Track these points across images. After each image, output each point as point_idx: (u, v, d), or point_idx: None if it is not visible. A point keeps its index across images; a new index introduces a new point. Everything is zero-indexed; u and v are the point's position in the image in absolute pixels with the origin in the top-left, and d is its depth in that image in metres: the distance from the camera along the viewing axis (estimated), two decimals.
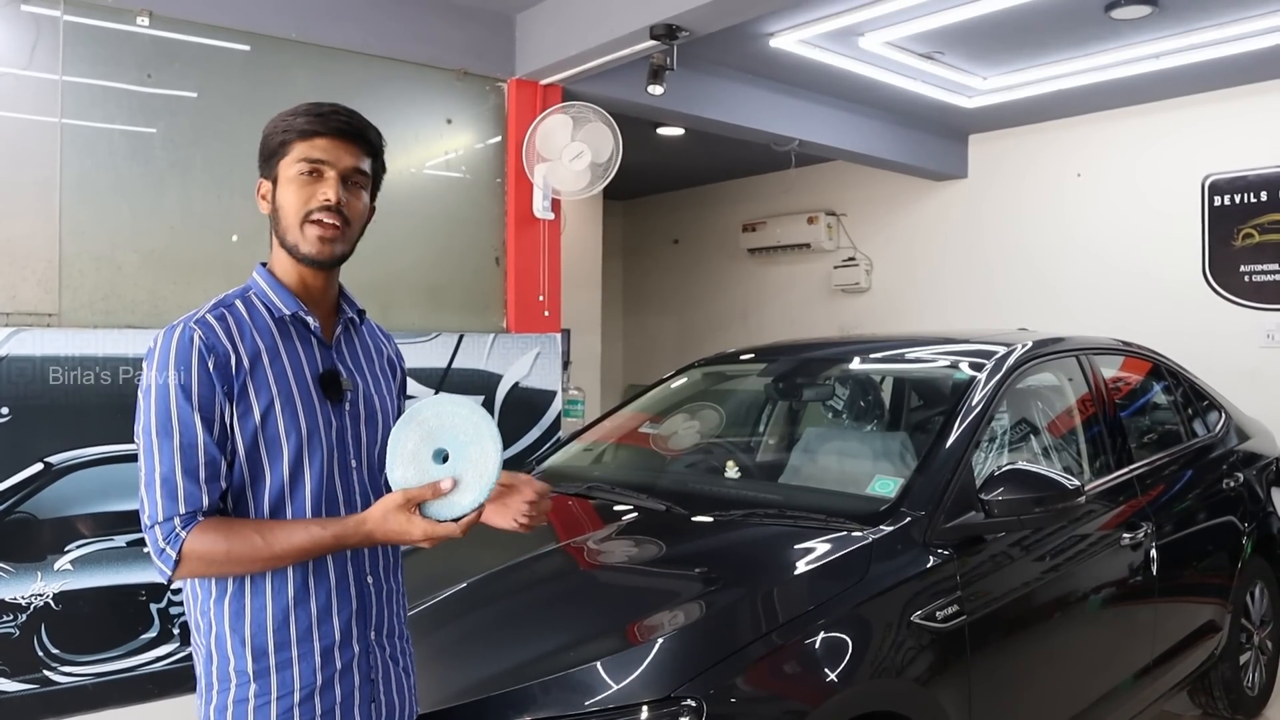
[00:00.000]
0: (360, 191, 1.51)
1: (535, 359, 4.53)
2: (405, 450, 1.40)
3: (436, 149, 4.41)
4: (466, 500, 1.38)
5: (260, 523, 1.39)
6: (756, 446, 3.73)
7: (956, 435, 2.62)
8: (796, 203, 7.71)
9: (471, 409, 1.42)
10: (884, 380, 3.64)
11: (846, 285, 7.37)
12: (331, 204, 1.45)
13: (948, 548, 2.38)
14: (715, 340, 8.17)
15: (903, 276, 7.15)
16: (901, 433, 3.28)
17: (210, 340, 1.41)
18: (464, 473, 1.38)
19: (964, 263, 6.77)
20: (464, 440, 1.39)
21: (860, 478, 2.79)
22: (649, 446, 3.35)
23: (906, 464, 2.83)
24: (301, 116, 1.45)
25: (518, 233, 4.57)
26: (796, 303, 7.86)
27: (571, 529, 2.70)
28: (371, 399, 1.55)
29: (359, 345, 1.59)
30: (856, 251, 7.41)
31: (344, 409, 1.50)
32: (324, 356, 1.50)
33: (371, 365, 1.59)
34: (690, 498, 2.79)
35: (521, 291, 4.58)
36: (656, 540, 2.50)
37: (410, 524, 1.38)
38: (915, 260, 7.08)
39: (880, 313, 7.21)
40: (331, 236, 1.47)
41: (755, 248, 7.96)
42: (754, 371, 3.69)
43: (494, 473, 1.39)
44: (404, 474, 1.39)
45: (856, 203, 7.43)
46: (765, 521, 2.50)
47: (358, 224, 1.52)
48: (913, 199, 7.07)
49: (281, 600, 1.42)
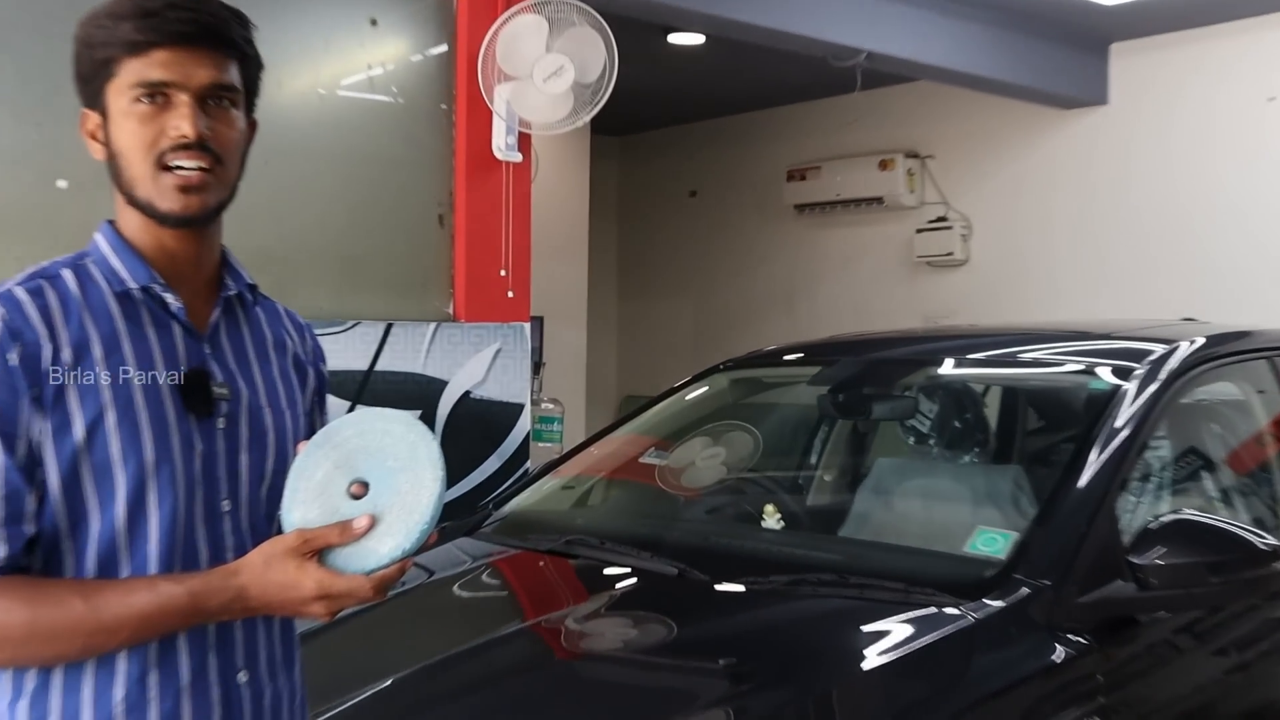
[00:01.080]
0: (230, 112, 1.50)
1: (494, 359, 4.52)
2: (312, 482, 1.41)
3: (355, 62, 4.39)
4: (386, 547, 1.38)
5: (82, 581, 1.38)
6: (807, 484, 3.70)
7: (1095, 470, 2.60)
8: (864, 140, 7.70)
9: (409, 425, 1.44)
10: (988, 391, 3.62)
11: (934, 257, 7.36)
12: (190, 140, 1.44)
13: (1084, 633, 2.36)
14: (748, 334, 8.16)
15: (1014, 244, 7.14)
16: (1014, 466, 3.26)
17: (15, 323, 1.39)
18: (387, 509, 1.39)
19: (1101, 224, 6.76)
20: (393, 466, 1.41)
21: (955, 530, 2.76)
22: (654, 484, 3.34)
23: (1022, 511, 2.80)
24: (127, 21, 1.43)
25: (470, 181, 4.56)
26: (863, 281, 7.85)
27: (544, 602, 2.68)
28: (260, 413, 1.54)
29: (247, 336, 1.58)
30: (949, 209, 7.39)
31: (214, 427, 1.49)
32: (190, 351, 1.49)
33: (266, 365, 1.58)
34: (713, 558, 2.78)
35: (476, 264, 4.57)
36: (664, 619, 2.49)
37: (303, 577, 1.37)
38: (1032, 222, 7.06)
39: (982, 295, 7.20)
40: (199, 183, 1.46)
41: (805, 203, 7.95)
42: (803, 378, 3.69)
43: (429, 511, 1.39)
44: (305, 514, 1.40)
45: (948, 141, 7.41)
46: (819, 592, 2.48)
47: (233, 157, 1.50)
48: (1029, 136, 7.05)
49: (105, 707, 1.40)
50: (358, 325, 4.28)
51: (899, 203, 7.49)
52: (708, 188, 8.80)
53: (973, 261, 7.32)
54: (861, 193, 7.62)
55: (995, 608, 2.32)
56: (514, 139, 4.53)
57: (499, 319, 4.58)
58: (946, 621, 2.28)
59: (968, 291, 7.29)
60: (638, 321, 9.27)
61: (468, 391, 4.47)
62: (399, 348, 4.34)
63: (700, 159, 8.83)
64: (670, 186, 9.03)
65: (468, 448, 4.45)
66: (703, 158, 8.81)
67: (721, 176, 8.69)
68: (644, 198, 9.22)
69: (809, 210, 8.00)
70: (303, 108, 4.28)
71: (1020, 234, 7.12)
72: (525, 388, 4.59)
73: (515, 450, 4.55)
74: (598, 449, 3.51)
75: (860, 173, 7.62)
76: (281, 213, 4.19)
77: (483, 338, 4.52)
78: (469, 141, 4.55)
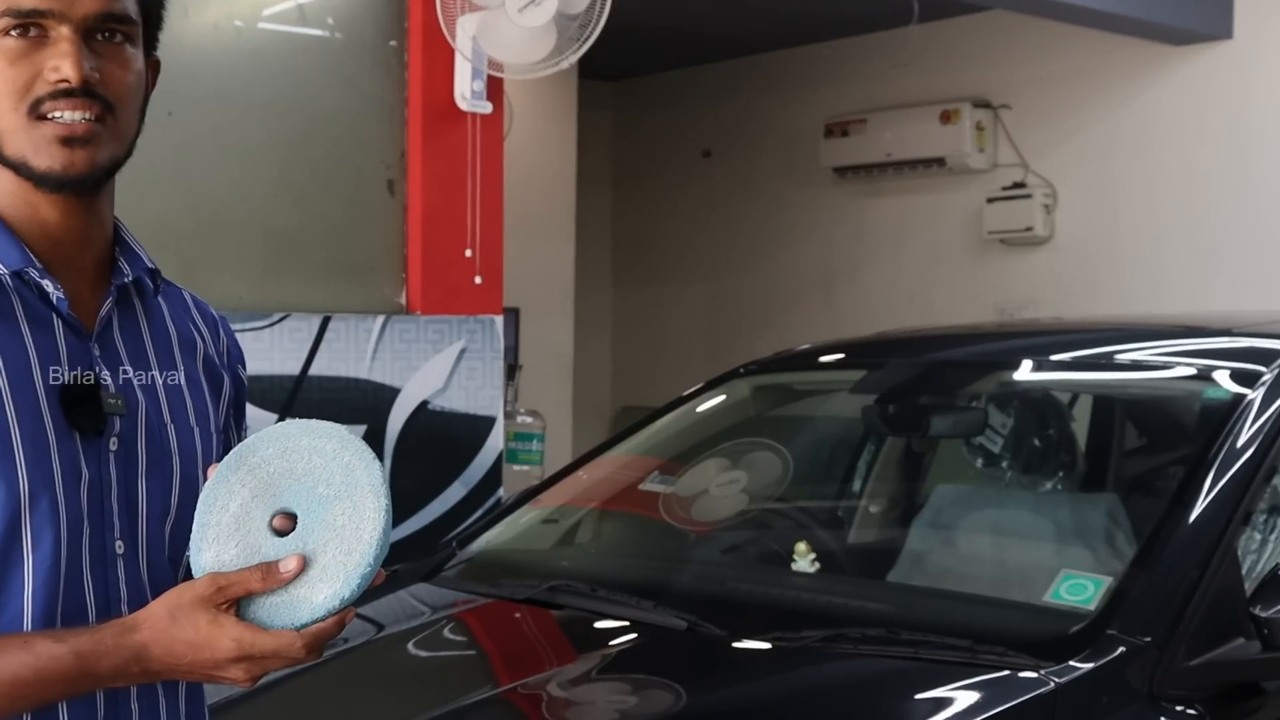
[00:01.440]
0: (124, 49, 1.50)
1: (458, 361, 4.53)
2: (226, 514, 1.42)
3: None
4: (321, 595, 1.39)
5: None
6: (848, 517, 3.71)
7: (1210, 501, 2.60)
8: (921, 86, 7.71)
9: (342, 442, 1.44)
10: (1076, 401, 3.63)
11: (1010, 232, 7.36)
12: (73, 84, 1.44)
13: (1195, 703, 2.37)
14: (775, 330, 8.17)
15: (1109, 216, 7.14)
16: (1109, 495, 3.27)
17: None
18: (320, 547, 1.40)
19: (1220, 192, 6.76)
20: (325, 494, 1.41)
21: (1034, 575, 2.78)
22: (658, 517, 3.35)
23: (1118, 551, 2.82)
24: None
25: (427, 138, 4.57)
26: (919, 263, 7.86)
27: (520, 663, 2.69)
28: (163, 431, 1.55)
29: (147, 333, 1.59)
30: (1028, 172, 7.40)
31: (105, 448, 1.49)
32: (74, 352, 1.50)
33: (170, 369, 1.59)
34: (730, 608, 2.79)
35: (434, 242, 4.59)
36: (669, 684, 2.50)
37: (218, 632, 1.37)
38: (1133, 188, 7.07)
39: (1070, 281, 7.20)
40: (85, 135, 1.46)
41: (847, 165, 7.95)
42: (843, 385, 3.71)
43: (372, 549, 1.40)
44: (219, 554, 1.40)
45: (1029, 86, 7.42)
46: (863, 651, 2.49)
47: (128, 106, 1.51)
48: (1130, 80, 7.06)
49: None
50: (286, 319, 4.29)
51: (965, 165, 7.48)
52: (725, 146, 8.80)
53: (1057, 238, 7.32)
54: (918, 152, 7.62)
55: (1083, 671, 2.33)
56: (482, 85, 4.54)
57: (464, 311, 4.59)
58: (1022, 688, 2.29)
59: (1051, 276, 7.29)
60: (637, 314, 9.28)
61: (425, 402, 4.48)
62: (338, 347, 4.35)
63: (716, 110, 8.83)
64: (678, 145, 9.03)
65: (425, 472, 4.46)
66: (719, 109, 8.81)
67: (742, 132, 8.70)
68: (646, 159, 9.23)
69: (852, 174, 7.99)
70: (214, 44, 4.29)
71: (1118, 204, 7.11)
72: (497, 397, 4.60)
73: (485, 475, 4.56)
74: (587, 473, 3.51)
75: (916, 127, 7.62)
76: (189, 177, 4.20)
77: (443, 334, 4.52)
78: (425, 88, 4.56)
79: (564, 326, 7.41)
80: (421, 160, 4.56)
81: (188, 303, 1.68)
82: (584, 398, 8.15)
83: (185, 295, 1.68)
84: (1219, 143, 6.77)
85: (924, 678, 2.36)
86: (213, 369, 1.66)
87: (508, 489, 4.61)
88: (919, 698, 2.33)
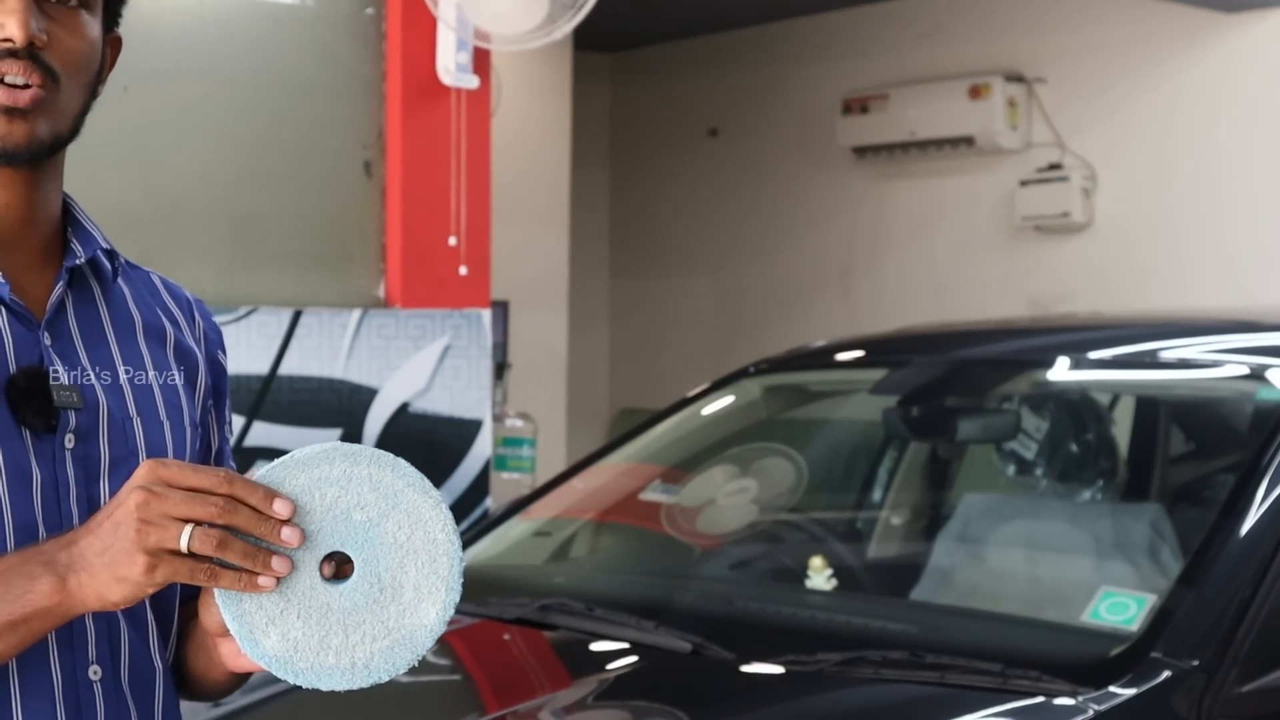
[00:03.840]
0: (78, 15, 1.51)
1: (441, 359, 4.54)
2: (267, 593, 1.37)
3: None
4: (433, 614, 1.39)
5: None
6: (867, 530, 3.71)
7: (1263, 511, 2.60)
8: (948, 58, 7.72)
9: (349, 459, 1.40)
10: (1117, 403, 3.63)
11: (1045, 218, 7.37)
12: (16, 45, 1.45)
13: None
14: (788, 325, 8.18)
15: (1154, 201, 7.15)
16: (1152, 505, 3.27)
17: None
18: (399, 570, 1.39)
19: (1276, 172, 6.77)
20: (365, 519, 1.39)
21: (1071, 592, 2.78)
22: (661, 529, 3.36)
23: (1163, 567, 2.82)
24: None
25: (408, 115, 4.58)
26: (946, 252, 7.86)
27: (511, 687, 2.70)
28: (126, 426, 1.54)
29: (106, 319, 1.59)
30: (1065, 153, 7.41)
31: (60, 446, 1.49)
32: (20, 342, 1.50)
33: (134, 358, 1.59)
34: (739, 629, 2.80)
35: (415, 229, 4.60)
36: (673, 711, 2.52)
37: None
38: (1179, 170, 7.07)
39: (1110, 271, 7.21)
40: (27, 104, 1.46)
41: (867, 145, 7.96)
42: (863, 386, 3.71)
43: (454, 542, 1.40)
44: (286, 633, 1.36)
45: (1065, 59, 7.42)
46: (884, 675, 2.49)
47: (77, 77, 1.51)
48: (1177, 51, 7.06)
49: None
50: (254, 313, 4.30)
51: (996, 144, 7.49)
52: (733, 124, 8.81)
53: (1097, 224, 7.33)
54: (945, 130, 7.63)
55: (1124, 697, 2.34)
56: (467, 57, 4.55)
57: (448, 304, 4.60)
58: (1058, 716, 2.30)
59: (1090, 266, 7.30)
60: (637, 308, 9.29)
61: (406, 404, 4.48)
62: (311, 343, 4.36)
63: (724, 85, 8.84)
64: (683, 122, 9.04)
65: None
66: (727, 83, 8.82)
67: (752, 108, 8.70)
68: (646, 138, 9.23)
69: (872, 154, 8.00)
70: (175, 12, 4.29)
71: (1164, 187, 7.12)
72: (485, 398, 4.61)
73: (471, 483, 4.57)
74: (583, 482, 3.51)
75: (943, 103, 7.63)
76: (146, 158, 4.21)
77: (426, 330, 4.53)
78: (405, 60, 4.56)
79: (557, 321, 7.41)
80: (401, 139, 4.57)
81: (156, 286, 1.67)
82: (579, 399, 8.16)
83: (154, 278, 1.68)
84: (1273, 119, 6.78)
85: (951, 704, 2.37)
86: (186, 356, 1.65)
87: (496, 499, 4.62)
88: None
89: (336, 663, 1.37)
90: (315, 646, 1.36)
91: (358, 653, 1.37)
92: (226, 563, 1.33)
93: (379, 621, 1.38)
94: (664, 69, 9.13)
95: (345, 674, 1.37)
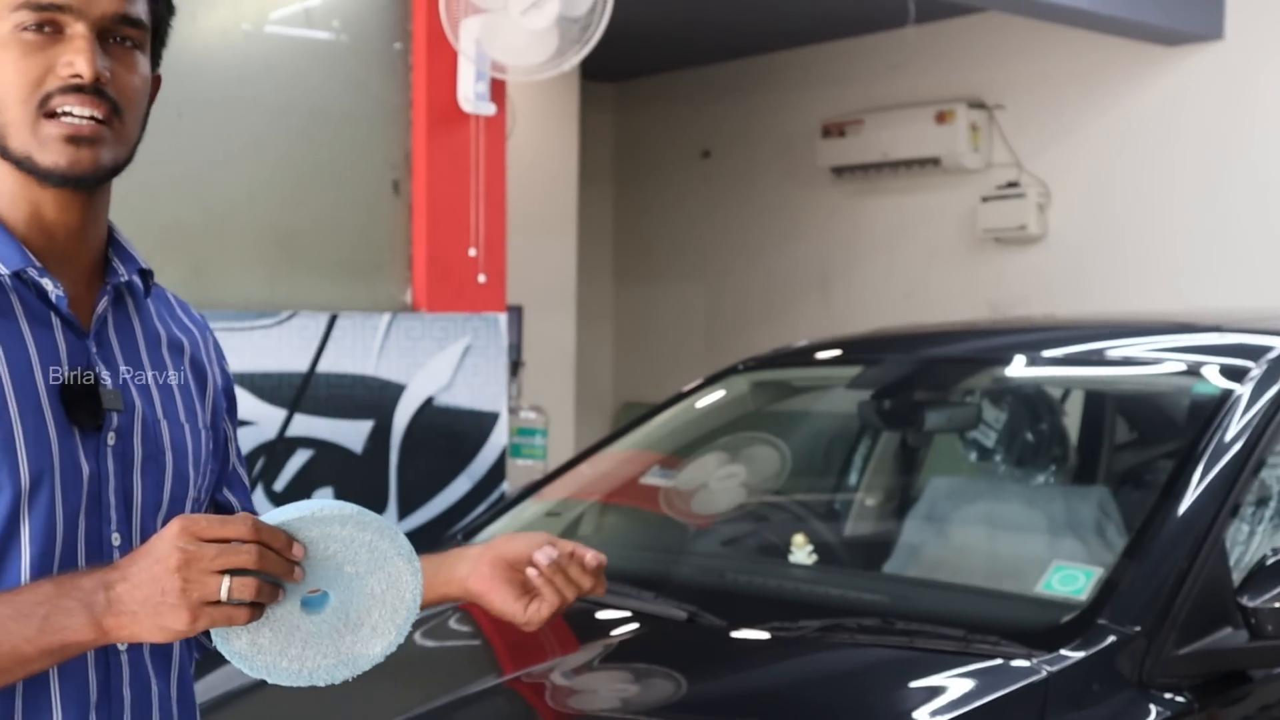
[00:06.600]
0: (134, 54, 1.51)
1: (462, 358, 4.54)
2: None
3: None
4: (378, 649, 1.47)
5: None
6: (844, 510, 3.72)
7: (1199, 493, 2.61)
8: (918, 86, 7.71)
9: (358, 524, 1.43)
10: (1068, 397, 3.63)
11: (1004, 231, 7.37)
12: (85, 81, 1.45)
13: (1184, 691, 2.39)
14: (773, 326, 8.18)
15: (1102, 215, 7.15)
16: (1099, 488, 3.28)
17: None
18: (365, 612, 1.46)
19: (1215, 190, 6.77)
20: (354, 572, 1.44)
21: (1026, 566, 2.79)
22: (659, 510, 3.36)
23: (1109, 542, 2.83)
24: None
25: (432, 139, 4.58)
26: (915, 261, 7.86)
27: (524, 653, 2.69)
28: (156, 428, 1.55)
29: (140, 333, 1.59)
30: (1022, 172, 7.40)
31: (104, 443, 1.50)
32: (73, 350, 1.50)
33: (161, 368, 1.59)
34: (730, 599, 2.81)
35: (439, 241, 4.59)
36: (670, 673, 2.51)
37: (160, 536, 1.34)
38: (1125, 188, 7.07)
39: (1062, 278, 7.21)
40: (91, 135, 1.46)
41: (844, 165, 7.96)
42: (840, 381, 3.72)
43: (416, 600, 1.48)
44: (254, 639, 1.41)
45: (1022, 87, 7.42)
46: (859, 641, 2.51)
47: (134, 110, 1.51)
48: (1124, 80, 7.06)
49: None
50: (294, 317, 4.30)
51: (960, 164, 7.48)
52: (724, 146, 8.80)
53: (1051, 236, 7.32)
54: (914, 152, 7.62)
55: (1074, 659, 2.34)
56: (485, 86, 4.55)
57: (468, 309, 4.60)
58: (1015, 676, 2.30)
59: (1044, 274, 7.29)
60: (639, 312, 9.28)
61: (430, 398, 4.48)
62: (345, 344, 4.36)
63: (715, 111, 8.83)
64: (679, 145, 9.03)
65: (431, 466, 4.46)
66: (719, 109, 8.81)
67: (741, 132, 8.70)
68: (646, 159, 9.22)
69: (848, 174, 8.00)
70: (223, 48, 4.29)
71: (1110, 203, 7.12)
72: (501, 393, 4.61)
73: (489, 469, 4.56)
74: (590, 467, 3.52)
75: (912, 127, 7.62)
76: (199, 179, 4.19)
77: (448, 332, 4.53)
78: (430, 90, 4.56)
79: (566, 324, 7.42)
80: (426, 161, 4.57)
81: (173, 304, 1.68)
82: (586, 393, 8.16)
83: (170, 297, 1.69)
84: (1209, 143, 6.78)
85: (919, 666, 2.38)
86: (199, 368, 1.66)
87: (512, 483, 4.61)
88: (914, 686, 2.34)
89: (288, 667, 1.43)
90: (276, 652, 1.42)
91: (307, 663, 1.44)
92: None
93: (334, 646, 1.45)
94: (662, 97, 9.12)
95: (292, 676, 1.43)
